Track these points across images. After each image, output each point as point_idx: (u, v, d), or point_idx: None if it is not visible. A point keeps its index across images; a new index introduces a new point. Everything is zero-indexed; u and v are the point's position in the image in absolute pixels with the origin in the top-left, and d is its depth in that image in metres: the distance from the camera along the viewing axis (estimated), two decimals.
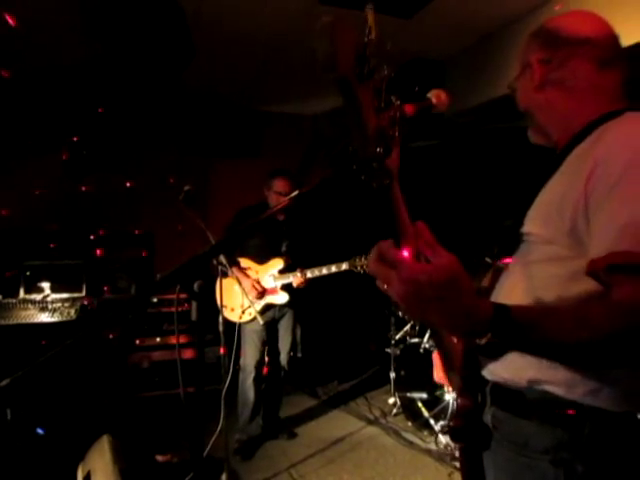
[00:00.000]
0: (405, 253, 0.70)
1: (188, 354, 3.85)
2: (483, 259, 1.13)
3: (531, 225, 1.03)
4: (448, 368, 0.88)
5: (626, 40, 1.12)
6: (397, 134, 0.75)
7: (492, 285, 1.09)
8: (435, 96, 1.06)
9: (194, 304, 4.02)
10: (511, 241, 1.07)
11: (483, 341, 0.76)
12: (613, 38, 1.07)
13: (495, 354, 1.00)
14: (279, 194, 3.59)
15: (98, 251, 4.64)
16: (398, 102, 0.77)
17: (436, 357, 1.43)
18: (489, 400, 1.07)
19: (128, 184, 4.83)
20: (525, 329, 0.76)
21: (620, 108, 1.00)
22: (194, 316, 4.05)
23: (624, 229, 0.82)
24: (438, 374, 1.13)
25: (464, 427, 0.84)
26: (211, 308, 3.03)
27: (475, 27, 3.72)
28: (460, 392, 0.87)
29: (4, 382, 0.77)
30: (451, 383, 0.90)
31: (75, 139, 4.54)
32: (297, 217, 3.73)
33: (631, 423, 0.91)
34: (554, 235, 0.96)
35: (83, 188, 4.66)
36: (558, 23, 1.09)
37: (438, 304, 0.70)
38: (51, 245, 4.42)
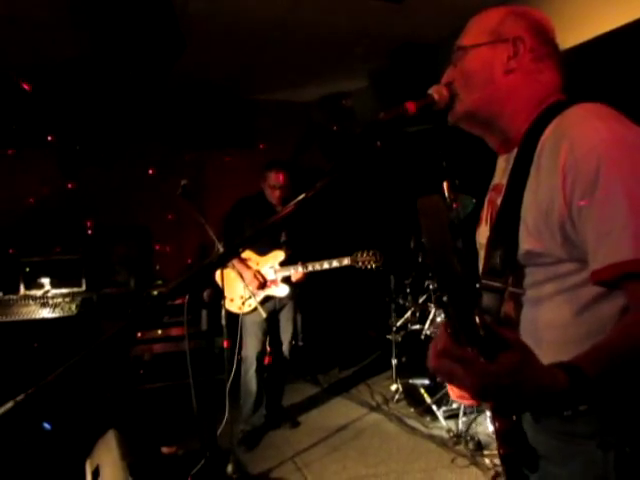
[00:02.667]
0: (469, 350, 0.68)
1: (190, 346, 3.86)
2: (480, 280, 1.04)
3: (528, 244, 0.96)
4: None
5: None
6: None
7: (516, 316, 1.03)
8: (436, 92, 1.06)
9: (204, 313, 4.14)
10: (507, 263, 0.99)
11: (569, 412, 0.77)
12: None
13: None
14: (273, 187, 3.60)
15: (95, 246, 4.65)
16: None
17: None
18: None
19: (121, 178, 4.82)
20: (602, 379, 0.76)
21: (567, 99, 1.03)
22: (204, 325, 4.13)
23: (621, 232, 0.83)
24: (456, 393, 1.06)
25: (512, 454, 0.86)
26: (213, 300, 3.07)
27: (466, 8, 3.69)
28: (494, 414, 0.88)
29: (18, 399, 0.77)
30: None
31: (67, 134, 4.51)
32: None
33: None
34: (555, 251, 0.93)
35: (77, 183, 4.67)
36: (547, 22, 1.10)
37: (515, 389, 0.69)
38: (48, 241, 4.42)
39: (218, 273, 3.16)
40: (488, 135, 1.14)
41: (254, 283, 3.52)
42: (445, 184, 3.48)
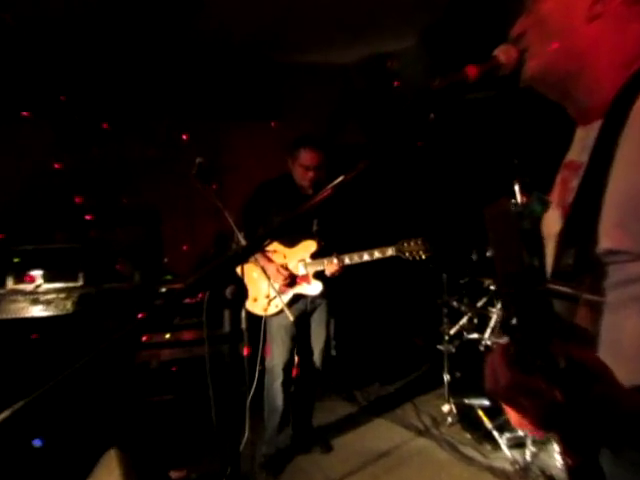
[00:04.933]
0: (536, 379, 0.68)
1: (200, 352, 3.83)
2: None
3: (610, 240, 0.91)
4: None
5: None
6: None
7: (594, 329, 0.99)
8: (504, 53, 1.04)
9: (227, 314, 4.17)
10: (584, 263, 0.95)
11: None
12: None
13: None
14: (305, 168, 3.60)
15: (96, 233, 4.73)
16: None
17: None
18: None
19: (127, 155, 4.90)
20: None
21: None
22: (227, 327, 4.15)
23: None
24: (515, 418, 1.06)
25: None
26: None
27: None
28: (564, 450, 0.87)
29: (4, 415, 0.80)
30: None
31: (66, 103, 4.60)
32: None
33: None
34: None
35: (76, 160, 4.75)
36: None
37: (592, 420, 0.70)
38: (42, 227, 4.50)
39: (238, 269, 3.16)
40: (566, 101, 1.10)
41: (280, 280, 3.55)
42: (516, 184, 3.46)
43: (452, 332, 4.23)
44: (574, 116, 1.12)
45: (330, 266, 3.54)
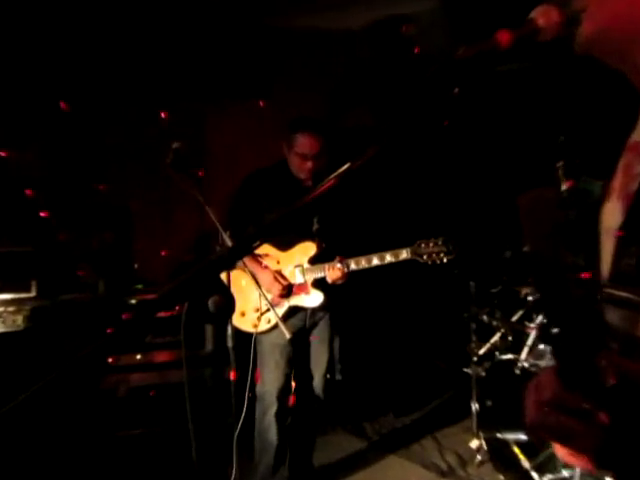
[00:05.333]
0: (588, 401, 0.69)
1: (176, 376, 3.91)
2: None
3: None
4: None
5: None
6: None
7: None
8: (542, 16, 1.04)
9: (209, 330, 4.20)
10: None
11: None
12: None
13: None
14: (303, 157, 3.59)
15: (52, 233, 4.66)
16: None
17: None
18: None
19: (94, 139, 4.87)
20: None
21: None
22: (210, 347, 4.19)
23: None
24: (564, 451, 1.05)
25: None
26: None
27: None
28: None
29: None
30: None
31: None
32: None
33: None
34: None
35: (22, 150, 4.67)
36: None
37: None
38: None
39: (224, 276, 3.15)
40: (630, 71, 1.10)
41: (275, 289, 3.53)
42: (560, 167, 3.37)
43: (482, 352, 4.19)
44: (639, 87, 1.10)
45: (333, 272, 3.51)
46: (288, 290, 3.60)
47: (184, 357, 3.05)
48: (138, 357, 4.24)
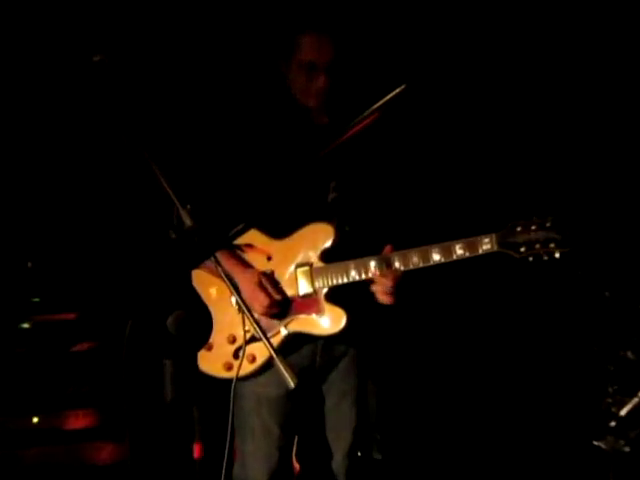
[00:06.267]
0: None
1: (104, 455, 3.30)
2: None
3: None
4: None
5: None
6: None
7: None
8: None
9: (169, 366, 3.13)
10: None
11: None
12: None
13: None
14: (310, 67, 2.90)
15: None
16: None
17: None
18: None
19: None
20: None
21: None
22: (169, 394, 3.25)
23: None
24: None
25: None
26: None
27: None
28: None
29: None
30: None
31: None
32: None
33: None
34: None
35: None
36: None
37: None
38: None
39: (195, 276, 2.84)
40: None
41: (256, 303, 2.73)
42: None
43: (624, 412, 3.28)
44: None
45: (381, 279, 2.70)
46: (283, 306, 2.80)
47: (126, 421, 2.99)
48: (35, 420, 3.45)
